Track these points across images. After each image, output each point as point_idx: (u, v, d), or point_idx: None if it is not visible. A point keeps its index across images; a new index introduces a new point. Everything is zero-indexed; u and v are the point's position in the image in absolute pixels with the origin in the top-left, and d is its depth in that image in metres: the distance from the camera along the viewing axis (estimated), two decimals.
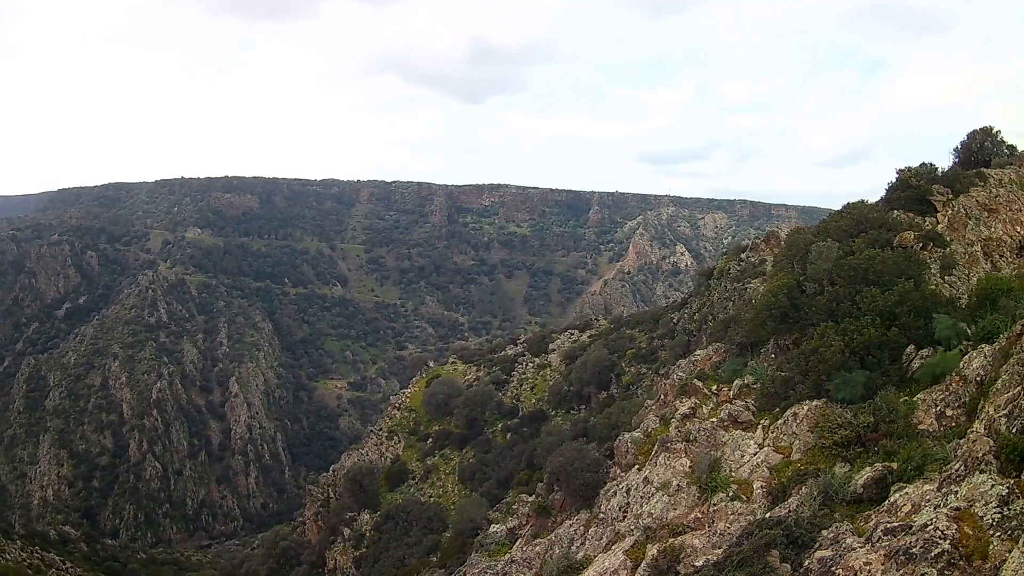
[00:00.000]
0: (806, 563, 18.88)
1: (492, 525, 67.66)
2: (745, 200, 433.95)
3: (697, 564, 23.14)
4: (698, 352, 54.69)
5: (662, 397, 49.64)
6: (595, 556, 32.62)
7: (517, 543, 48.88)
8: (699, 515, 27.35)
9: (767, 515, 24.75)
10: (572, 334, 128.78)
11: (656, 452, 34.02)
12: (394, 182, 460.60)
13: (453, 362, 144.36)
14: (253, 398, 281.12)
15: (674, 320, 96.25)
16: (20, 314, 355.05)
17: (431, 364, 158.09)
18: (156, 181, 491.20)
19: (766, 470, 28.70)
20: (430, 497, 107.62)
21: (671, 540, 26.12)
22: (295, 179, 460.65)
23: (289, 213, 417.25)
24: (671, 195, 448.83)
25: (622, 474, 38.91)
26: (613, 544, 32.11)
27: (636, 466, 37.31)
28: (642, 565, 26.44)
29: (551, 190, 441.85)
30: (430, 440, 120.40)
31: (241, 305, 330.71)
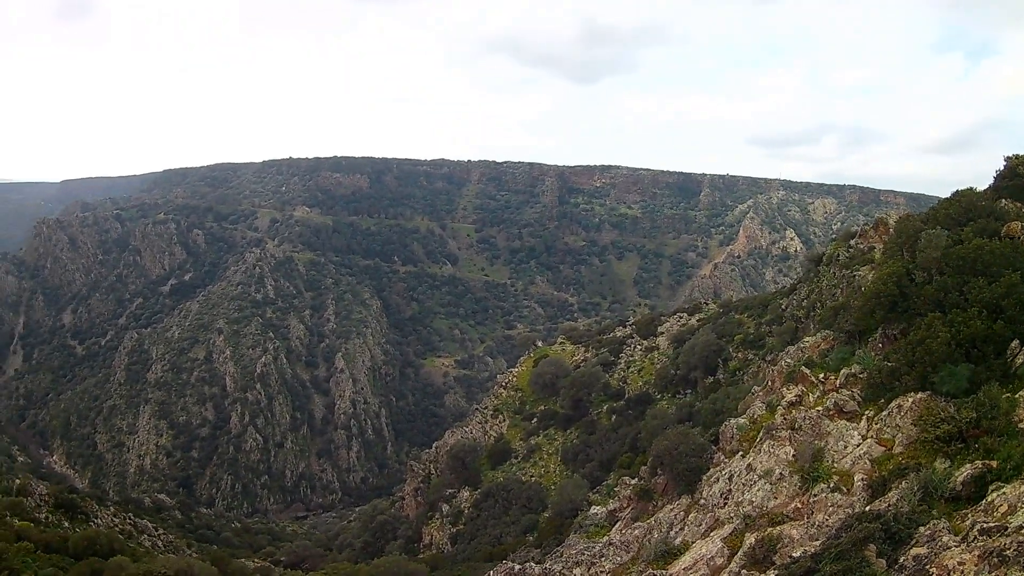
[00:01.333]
0: (901, 560, 18.67)
1: (592, 507, 67.40)
2: (855, 186, 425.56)
3: (794, 555, 22.97)
4: (806, 339, 53.94)
5: (769, 384, 49.13)
6: (693, 542, 32.45)
7: (616, 526, 48.58)
8: (799, 505, 27.09)
9: (866, 508, 24.44)
10: (681, 317, 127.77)
11: (761, 439, 33.71)
12: (505, 162, 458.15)
13: (561, 342, 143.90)
14: (359, 374, 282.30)
15: (783, 306, 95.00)
16: (123, 290, 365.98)
17: (539, 344, 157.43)
18: (263, 162, 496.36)
19: (868, 462, 28.30)
20: (531, 477, 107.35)
21: (769, 529, 25.95)
22: (405, 159, 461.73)
23: (399, 193, 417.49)
24: (781, 179, 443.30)
25: (726, 460, 38.61)
26: (712, 531, 31.94)
27: (740, 453, 36.98)
28: (739, 553, 26.32)
29: (662, 172, 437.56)
30: (535, 420, 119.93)
31: (349, 282, 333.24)
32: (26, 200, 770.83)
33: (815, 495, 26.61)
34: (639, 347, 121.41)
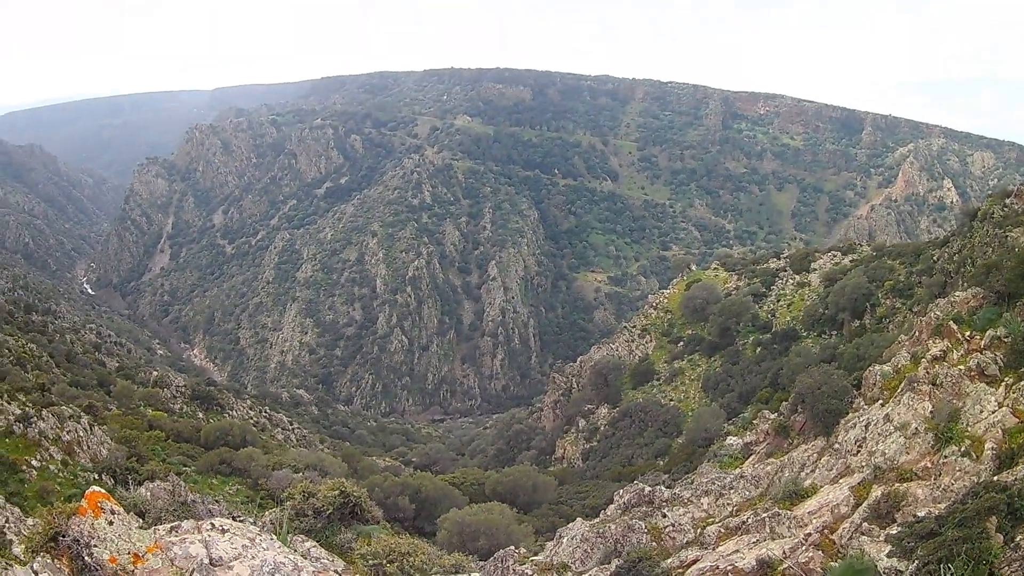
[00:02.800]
0: (1018, 538, 17.96)
1: (729, 437, 66.95)
2: (1014, 143, 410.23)
3: (918, 515, 22.27)
4: (956, 293, 52.51)
5: (916, 334, 47.97)
6: (821, 486, 31.76)
7: (750, 459, 48.01)
8: (928, 464, 26.20)
9: (993, 478, 23.69)
10: (834, 256, 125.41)
11: (902, 390, 32.67)
12: (669, 82, 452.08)
13: (715, 268, 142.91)
14: (511, 283, 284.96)
15: (934, 257, 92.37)
16: (277, 192, 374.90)
17: (693, 267, 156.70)
18: (424, 71, 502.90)
19: (1000, 431, 27.37)
20: (670, 400, 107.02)
21: (896, 485, 25.19)
22: (568, 73, 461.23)
23: (562, 106, 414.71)
24: (942, 126, 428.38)
25: (865, 407, 37.68)
26: (841, 477, 31.18)
27: (880, 401, 36.00)
28: (864, 505, 25.62)
29: (826, 105, 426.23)
30: (681, 343, 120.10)
31: (508, 192, 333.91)
32: (178, 108, 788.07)
33: (945, 456, 25.75)
34: (791, 281, 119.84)
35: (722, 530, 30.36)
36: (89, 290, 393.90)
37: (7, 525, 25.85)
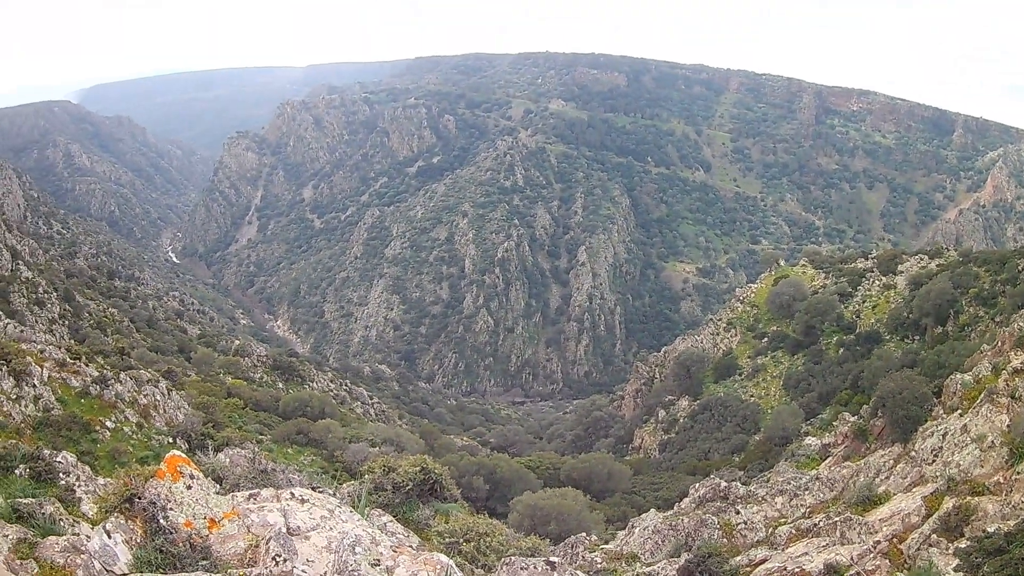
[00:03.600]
0: None
1: (808, 437, 66.75)
2: None
3: (987, 530, 22.16)
4: None
5: (999, 345, 47.52)
6: (895, 494, 31.67)
7: (827, 461, 48.14)
8: (1001, 479, 25.95)
9: None
10: (921, 259, 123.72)
11: (981, 401, 32.49)
12: (764, 74, 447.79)
13: (803, 265, 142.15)
14: (600, 269, 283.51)
15: (1019, 267, 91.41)
16: (368, 169, 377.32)
17: (781, 263, 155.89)
18: (519, 54, 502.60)
19: None
20: (751, 397, 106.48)
21: (968, 498, 25.08)
22: (663, 61, 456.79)
23: (656, 94, 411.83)
24: None
25: (944, 416, 37.53)
26: (915, 486, 31.04)
27: (959, 411, 35.82)
28: (934, 516, 25.56)
29: (917, 104, 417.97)
30: (765, 339, 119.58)
31: (600, 178, 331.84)
32: (271, 83, 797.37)
33: (1018, 472, 25.56)
34: (877, 282, 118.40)
35: (793, 531, 30.44)
36: (174, 259, 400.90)
37: (77, 483, 25.85)
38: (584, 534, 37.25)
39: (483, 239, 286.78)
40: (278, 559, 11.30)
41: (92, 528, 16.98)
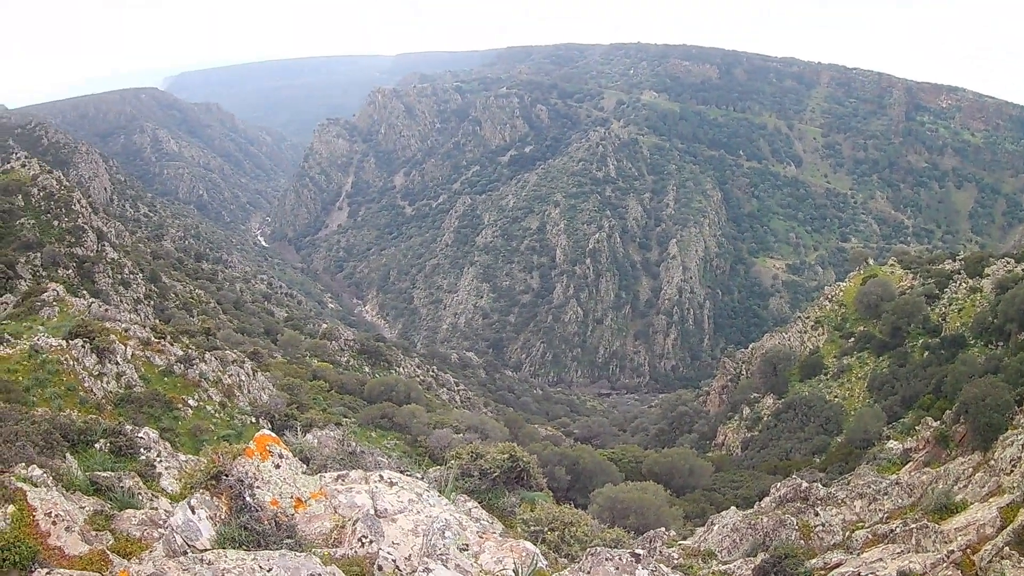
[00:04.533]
0: None
1: (890, 441, 66.34)
2: None
3: None
4: None
5: None
6: (972, 503, 31.53)
7: (907, 466, 47.66)
8: None
9: None
10: (1008, 263, 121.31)
11: None
12: (854, 69, 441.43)
13: (892, 265, 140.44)
14: (690, 262, 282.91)
15: None
16: (460, 157, 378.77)
17: (870, 262, 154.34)
18: (611, 44, 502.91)
19: None
20: (835, 397, 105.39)
21: None
22: (755, 54, 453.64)
23: (748, 87, 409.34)
24: None
25: None
26: (991, 496, 30.86)
27: None
28: (1008, 528, 25.51)
29: (1006, 103, 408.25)
30: (852, 339, 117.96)
31: (692, 171, 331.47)
32: (361, 72, 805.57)
33: None
34: (964, 285, 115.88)
35: (870, 536, 30.39)
36: (263, 242, 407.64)
37: (158, 459, 26.59)
38: (663, 529, 37.41)
39: (574, 229, 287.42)
40: (364, 540, 11.68)
41: (171, 503, 18.51)
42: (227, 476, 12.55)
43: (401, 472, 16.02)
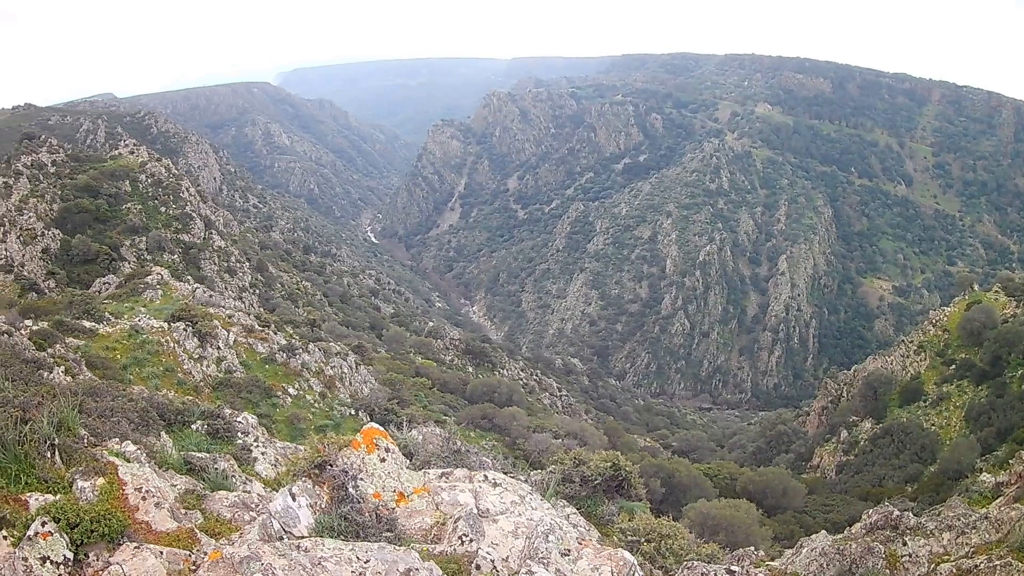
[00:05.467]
0: None
1: (984, 474, 66.63)
2: None
3: None
4: None
5: None
6: None
7: (997, 500, 47.75)
8: None
9: None
10: None
11: None
12: (965, 87, 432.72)
13: (996, 291, 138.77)
14: (799, 280, 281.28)
15: None
16: (574, 163, 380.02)
17: (975, 287, 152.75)
18: (726, 55, 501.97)
19: None
20: (932, 426, 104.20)
21: None
22: (868, 68, 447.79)
23: (860, 102, 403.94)
24: None
25: None
26: None
27: None
28: None
29: None
30: (953, 367, 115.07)
31: (804, 186, 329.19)
32: (475, 74, 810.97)
33: None
34: None
35: (954, 570, 31.42)
36: (373, 239, 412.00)
37: (255, 444, 27.37)
38: (752, 548, 38.10)
39: (686, 240, 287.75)
40: (464, 538, 11.92)
41: (265, 488, 19.32)
42: (331, 466, 12.96)
43: (504, 473, 16.09)
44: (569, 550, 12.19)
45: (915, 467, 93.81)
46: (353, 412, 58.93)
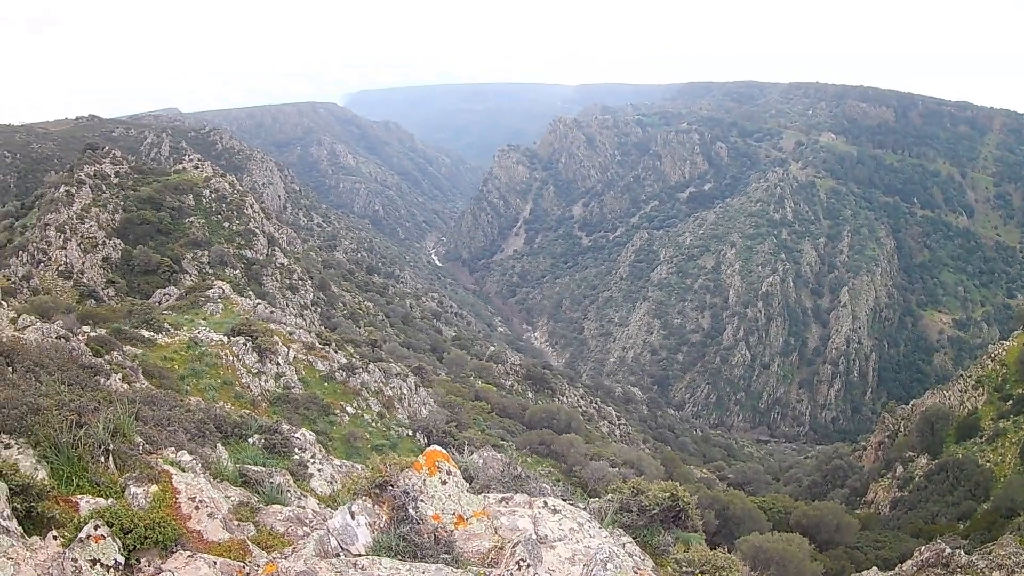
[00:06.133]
0: None
1: None
2: None
3: None
4: None
5: None
6: None
7: None
8: None
9: None
10: None
11: None
12: None
13: None
14: (860, 312, 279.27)
15: None
16: (639, 191, 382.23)
17: None
18: (790, 83, 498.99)
19: None
20: (987, 462, 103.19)
21: None
22: (929, 96, 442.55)
23: (923, 131, 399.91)
24: None
25: None
26: None
27: None
28: None
29: None
30: (1010, 402, 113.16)
31: (867, 217, 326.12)
32: (541, 100, 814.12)
33: None
34: None
35: None
36: (436, 261, 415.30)
37: (311, 461, 27.60)
38: None
39: (749, 271, 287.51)
40: (521, 563, 11.74)
41: (319, 504, 19.60)
42: (392, 487, 12.94)
43: (564, 500, 15.72)
44: None
45: (968, 504, 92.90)
46: (410, 433, 60.24)
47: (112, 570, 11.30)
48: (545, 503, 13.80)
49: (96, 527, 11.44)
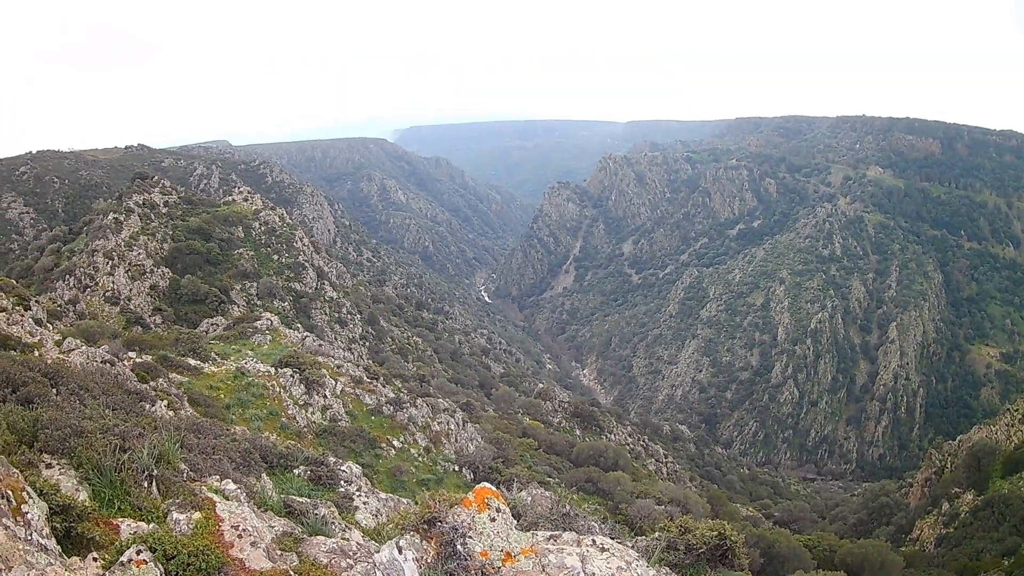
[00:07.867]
0: None
1: None
2: None
3: None
4: None
5: None
6: None
7: None
8: None
9: None
10: None
11: None
12: None
13: None
14: (908, 348, 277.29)
15: None
16: (689, 228, 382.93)
17: None
18: (837, 117, 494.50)
19: None
20: None
21: None
22: (975, 127, 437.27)
23: (969, 162, 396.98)
24: None
25: None
26: None
27: None
28: None
29: None
30: None
31: (915, 251, 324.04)
32: (591, 136, 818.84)
33: None
34: None
35: None
36: (486, 298, 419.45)
37: (357, 494, 28.11)
38: None
39: (798, 308, 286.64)
40: None
41: (364, 537, 19.36)
42: (441, 523, 12.94)
43: (612, 539, 15.27)
44: None
45: (1013, 540, 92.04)
46: (457, 468, 61.43)
47: None
48: (593, 541, 13.75)
49: (139, 551, 11.78)
